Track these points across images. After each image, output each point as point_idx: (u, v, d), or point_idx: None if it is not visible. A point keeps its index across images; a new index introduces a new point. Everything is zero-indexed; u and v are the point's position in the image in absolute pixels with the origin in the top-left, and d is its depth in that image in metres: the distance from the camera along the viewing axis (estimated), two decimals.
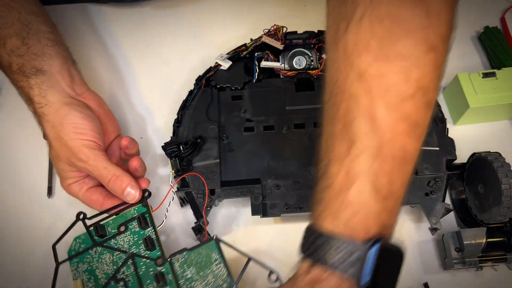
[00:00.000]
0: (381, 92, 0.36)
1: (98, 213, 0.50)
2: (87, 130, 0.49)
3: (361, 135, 0.36)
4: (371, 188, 0.36)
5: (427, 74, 0.36)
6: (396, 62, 0.36)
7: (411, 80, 0.35)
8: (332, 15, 0.39)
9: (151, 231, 0.49)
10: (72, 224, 0.50)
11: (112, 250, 0.49)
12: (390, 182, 0.36)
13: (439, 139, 0.53)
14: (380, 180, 0.36)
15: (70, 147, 0.48)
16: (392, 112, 0.36)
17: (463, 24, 0.68)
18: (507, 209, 0.47)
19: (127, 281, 0.47)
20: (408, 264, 0.53)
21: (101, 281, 0.48)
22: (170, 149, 0.53)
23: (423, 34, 0.35)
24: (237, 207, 0.57)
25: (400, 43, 0.35)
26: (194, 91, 0.58)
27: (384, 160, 0.36)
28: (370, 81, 0.36)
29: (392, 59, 0.36)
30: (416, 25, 0.35)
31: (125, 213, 0.50)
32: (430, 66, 0.36)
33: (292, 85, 0.58)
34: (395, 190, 0.37)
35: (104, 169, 0.49)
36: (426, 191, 0.51)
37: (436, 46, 0.36)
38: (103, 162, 0.49)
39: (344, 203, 0.36)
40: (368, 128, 0.36)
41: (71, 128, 0.49)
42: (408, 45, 0.35)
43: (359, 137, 0.36)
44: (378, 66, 0.36)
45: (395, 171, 0.36)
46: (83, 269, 0.49)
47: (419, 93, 0.36)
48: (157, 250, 0.48)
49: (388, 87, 0.36)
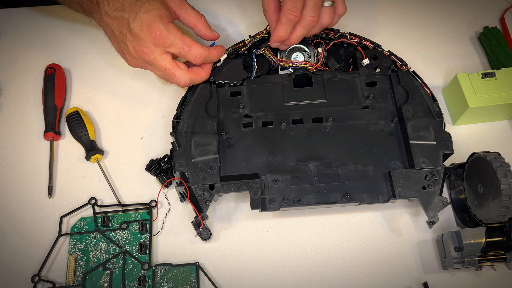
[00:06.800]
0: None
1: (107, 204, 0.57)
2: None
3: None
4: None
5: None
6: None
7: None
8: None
9: (147, 238, 0.54)
10: (83, 205, 0.56)
11: (109, 241, 0.54)
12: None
13: (436, 133, 0.53)
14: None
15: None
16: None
17: (462, 24, 0.69)
18: (506, 208, 0.46)
19: (113, 272, 0.52)
20: (408, 264, 0.53)
21: (91, 264, 0.53)
22: (153, 167, 0.57)
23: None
24: (236, 202, 0.57)
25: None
26: (193, 87, 0.58)
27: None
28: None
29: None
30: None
31: (131, 213, 0.56)
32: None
33: (290, 81, 0.58)
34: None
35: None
36: (424, 184, 0.51)
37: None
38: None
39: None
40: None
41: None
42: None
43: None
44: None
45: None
46: (79, 247, 0.54)
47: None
48: (147, 256, 0.53)
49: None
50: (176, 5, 0.55)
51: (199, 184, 0.51)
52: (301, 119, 0.56)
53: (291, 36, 0.56)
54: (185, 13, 0.56)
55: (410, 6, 0.71)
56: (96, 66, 0.66)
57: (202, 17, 0.57)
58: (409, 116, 0.54)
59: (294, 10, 0.53)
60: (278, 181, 0.52)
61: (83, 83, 0.65)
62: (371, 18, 0.70)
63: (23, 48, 0.68)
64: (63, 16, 0.70)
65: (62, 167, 0.59)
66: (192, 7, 0.57)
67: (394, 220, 0.55)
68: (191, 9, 0.57)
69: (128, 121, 0.62)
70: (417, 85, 0.57)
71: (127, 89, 0.65)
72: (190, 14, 0.56)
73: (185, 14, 0.56)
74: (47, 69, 0.63)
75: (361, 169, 0.53)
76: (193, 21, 0.57)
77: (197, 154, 0.53)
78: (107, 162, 0.60)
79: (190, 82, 0.55)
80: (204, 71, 0.57)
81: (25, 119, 0.63)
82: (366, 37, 0.61)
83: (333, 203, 0.51)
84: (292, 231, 0.55)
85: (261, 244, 0.54)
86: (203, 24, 0.57)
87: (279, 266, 0.53)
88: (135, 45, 0.52)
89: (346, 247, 0.54)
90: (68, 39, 0.68)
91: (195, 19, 0.57)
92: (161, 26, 0.52)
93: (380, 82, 0.58)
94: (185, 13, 0.56)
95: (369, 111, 0.56)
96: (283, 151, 0.54)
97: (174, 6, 0.55)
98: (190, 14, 0.56)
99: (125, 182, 0.58)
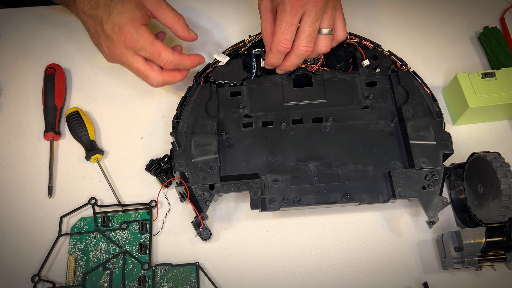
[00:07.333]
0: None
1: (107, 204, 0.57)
2: None
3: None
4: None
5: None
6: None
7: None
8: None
9: (147, 238, 0.54)
10: (83, 205, 0.56)
11: (109, 241, 0.54)
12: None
13: (436, 133, 0.53)
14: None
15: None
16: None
17: (462, 24, 0.69)
18: (506, 208, 0.46)
19: (113, 272, 0.52)
20: (408, 264, 0.53)
21: (91, 264, 0.53)
22: (153, 167, 0.57)
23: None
24: (236, 202, 0.57)
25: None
26: (193, 87, 0.58)
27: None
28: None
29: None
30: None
31: (131, 213, 0.56)
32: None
33: (290, 81, 0.58)
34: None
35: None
36: (424, 184, 0.51)
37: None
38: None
39: None
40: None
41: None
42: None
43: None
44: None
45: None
46: (79, 247, 0.54)
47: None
48: (147, 256, 0.53)
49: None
50: (152, 5, 0.55)
51: (199, 184, 0.51)
52: (301, 119, 0.56)
53: (285, 64, 0.56)
54: (162, 13, 0.56)
55: (410, 6, 0.71)
56: (96, 66, 0.66)
57: (181, 17, 0.56)
58: (409, 116, 0.54)
59: (284, 42, 0.53)
60: (278, 181, 0.52)
61: (83, 83, 0.65)
62: (371, 18, 0.70)
63: (23, 48, 0.68)
64: (63, 16, 0.70)
65: (62, 167, 0.59)
66: (171, 8, 0.56)
67: (394, 220, 0.55)
68: (169, 9, 0.56)
69: (128, 121, 0.62)
70: (417, 85, 0.57)
71: (127, 89, 0.64)
72: (168, 14, 0.56)
73: (162, 15, 0.56)
74: (47, 69, 0.63)
75: (361, 169, 0.53)
76: (170, 22, 0.56)
77: (197, 154, 0.53)
78: (107, 162, 0.60)
79: (163, 83, 0.56)
80: (180, 73, 0.57)
81: (25, 119, 0.63)
82: (366, 37, 0.61)
83: (333, 203, 0.51)
84: (292, 231, 0.55)
85: (261, 244, 0.54)
86: (181, 25, 0.56)
87: (279, 266, 0.53)
88: (108, 45, 0.53)
89: (346, 247, 0.54)
90: (68, 39, 0.68)
91: (173, 20, 0.56)
92: (131, 30, 0.52)
93: (380, 82, 0.58)
94: (162, 13, 0.56)
95: (369, 111, 0.56)
96: (283, 151, 0.54)
97: (150, 6, 0.55)
98: (168, 14, 0.56)
99: (125, 182, 0.58)
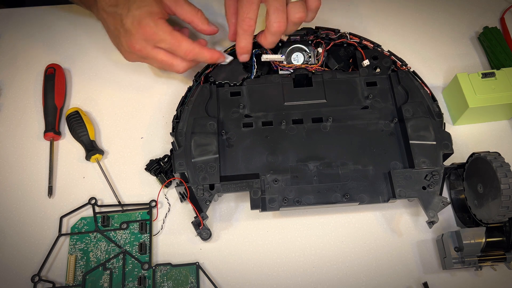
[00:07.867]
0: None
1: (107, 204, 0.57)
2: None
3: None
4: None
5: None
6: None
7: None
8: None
9: (147, 238, 0.54)
10: (83, 205, 0.56)
11: (109, 240, 0.54)
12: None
13: (436, 133, 0.53)
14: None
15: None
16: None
17: (462, 24, 0.69)
18: (506, 208, 0.46)
19: (113, 272, 0.52)
20: (408, 264, 0.53)
21: (91, 264, 0.53)
22: (153, 167, 0.57)
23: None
24: (236, 202, 0.57)
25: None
26: (193, 87, 0.58)
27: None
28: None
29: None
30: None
31: (131, 213, 0.56)
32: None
33: (290, 81, 0.58)
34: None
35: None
36: (424, 184, 0.51)
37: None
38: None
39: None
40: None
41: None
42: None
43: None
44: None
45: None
46: (79, 247, 0.54)
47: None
48: (147, 256, 0.53)
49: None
50: (170, 1, 0.56)
51: (199, 184, 0.51)
52: (301, 119, 0.56)
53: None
54: (180, 9, 0.56)
55: (410, 6, 0.71)
56: (96, 66, 0.66)
57: (199, 11, 0.57)
58: (409, 116, 0.54)
59: (247, 21, 0.53)
60: (278, 181, 0.52)
61: (83, 83, 0.65)
62: (371, 18, 0.70)
63: (23, 48, 0.68)
64: (63, 16, 0.70)
65: (62, 167, 0.59)
66: (188, 2, 0.57)
67: (394, 220, 0.55)
68: (187, 4, 0.57)
69: (128, 121, 0.62)
70: (417, 85, 0.57)
71: (127, 89, 0.64)
72: (186, 9, 0.56)
73: (180, 10, 0.56)
74: (47, 69, 0.63)
75: (361, 169, 0.53)
76: (189, 16, 0.57)
77: (197, 154, 0.53)
78: (107, 162, 0.60)
79: (188, 66, 0.57)
80: (208, 50, 0.56)
81: (25, 119, 0.63)
82: (366, 37, 0.61)
83: (333, 203, 0.51)
84: (292, 231, 0.55)
85: (261, 244, 0.54)
86: (200, 18, 0.57)
87: (279, 266, 0.53)
88: (127, 40, 0.54)
89: (346, 247, 0.54)
90: (68, 39, 0.68)
91: (191, 14, 0.57)
92: (150, 22, 0.53)
93: (380, 82, 0.58)
94: (180, 9, 0.56)
95: (369, 111, 0.56)
96: (283, 151, 0.54)
97: (169, 3, 0.56)
98: (186, 9, 0.56)
99: (125, 182, 0.58)
